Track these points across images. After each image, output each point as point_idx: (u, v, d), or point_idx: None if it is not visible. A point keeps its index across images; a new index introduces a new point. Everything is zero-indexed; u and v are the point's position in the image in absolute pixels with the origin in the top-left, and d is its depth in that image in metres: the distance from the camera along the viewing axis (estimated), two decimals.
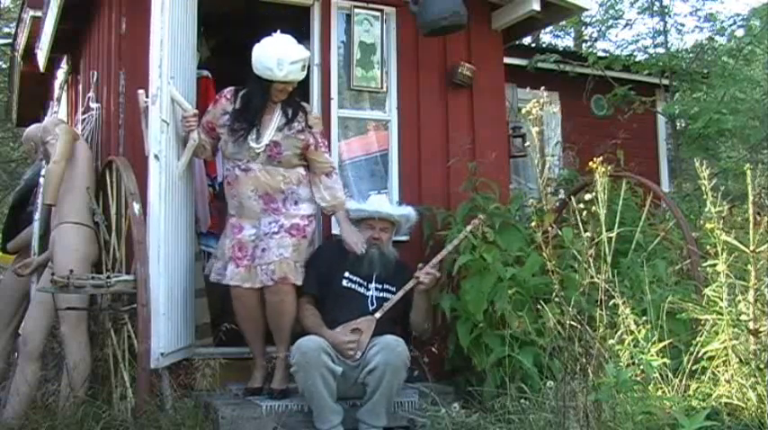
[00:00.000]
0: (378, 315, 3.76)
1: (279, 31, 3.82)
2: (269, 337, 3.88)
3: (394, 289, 3.86)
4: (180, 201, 3.92)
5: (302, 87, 3.96)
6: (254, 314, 3.79)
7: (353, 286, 3.86)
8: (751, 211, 3.13)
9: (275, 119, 3.84)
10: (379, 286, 3.88)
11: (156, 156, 3.63)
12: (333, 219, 4.12)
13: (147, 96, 3.71)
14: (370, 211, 3.92)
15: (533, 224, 3.85)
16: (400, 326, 3.89)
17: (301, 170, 3.90)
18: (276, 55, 3.68)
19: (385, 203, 4.07)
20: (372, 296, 3.85)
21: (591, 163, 3.69)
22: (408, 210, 4.06)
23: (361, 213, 3.94)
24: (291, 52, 3.71)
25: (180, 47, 3.97)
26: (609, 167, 3.73)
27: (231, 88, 3.93)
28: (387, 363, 3.50)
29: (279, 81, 3.73)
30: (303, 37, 4.84)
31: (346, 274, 3.86)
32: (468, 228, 4.03)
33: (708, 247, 3.31)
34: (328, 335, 3.63)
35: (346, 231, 3.92)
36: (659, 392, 3.01)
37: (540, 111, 5.05)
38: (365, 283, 3.87)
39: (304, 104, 4.02)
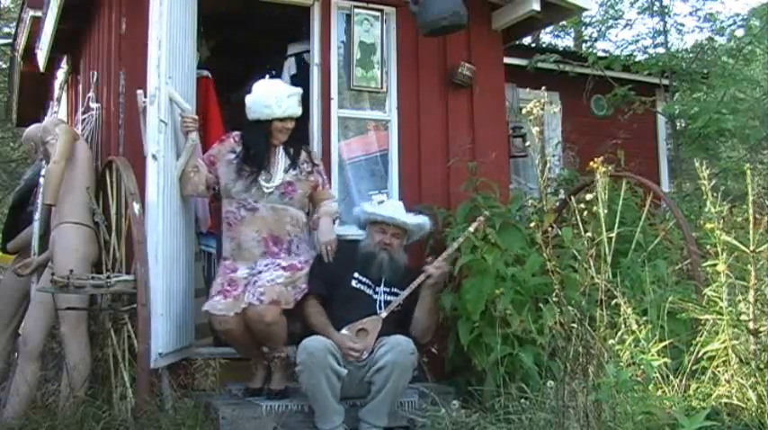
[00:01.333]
0: (384, 314, 3.75)
1: (267, 76, 4.03)
2: None
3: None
4: (179, 201, 3.91)
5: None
6: (243, 339, 3.73)
7: (363, 287, 3.83)
8: (751, 211, 3.13)
9: (280, 160, 3.89)
10: (387, 290, 3.85)
11: (153, 157, 3.63)
12: (337, 222, 4.09)
13: (145, 96, 3.71)
14: (385, 217, 3.88)
15: (533, 224, 3.84)
16: (402, 329, 3.87)
17: (304, 214, 3.94)
18: (272, 94, 3.84)
19: (400, 210, 3.99)
20: (380, 301, 3.83)
21: (592, 163, 3.69)
22: (423, 220, 4.01)
23: (375, 217, 3.90)
24: (285, 88, 3.93)
25: (179, 47, 3.97)
26: (609, 167, 3.72)
27: (238, 132, 3.97)
28: (395, 363, 3.48)
29: (278, 118, 3.81)
30: (303, 37, 4.86)
31: (356, 275, 3.83)
32: (473, 226, 4.00)
33: (708, 247, 3.31)
34: (335, 338, 3.59)
35: (323, 231, 3.86)
36: (659, 392, 3.01)
37: (542, 110, 5.05)
38: (373, 286, 3.84)
39: (304, 145, 4.08)
